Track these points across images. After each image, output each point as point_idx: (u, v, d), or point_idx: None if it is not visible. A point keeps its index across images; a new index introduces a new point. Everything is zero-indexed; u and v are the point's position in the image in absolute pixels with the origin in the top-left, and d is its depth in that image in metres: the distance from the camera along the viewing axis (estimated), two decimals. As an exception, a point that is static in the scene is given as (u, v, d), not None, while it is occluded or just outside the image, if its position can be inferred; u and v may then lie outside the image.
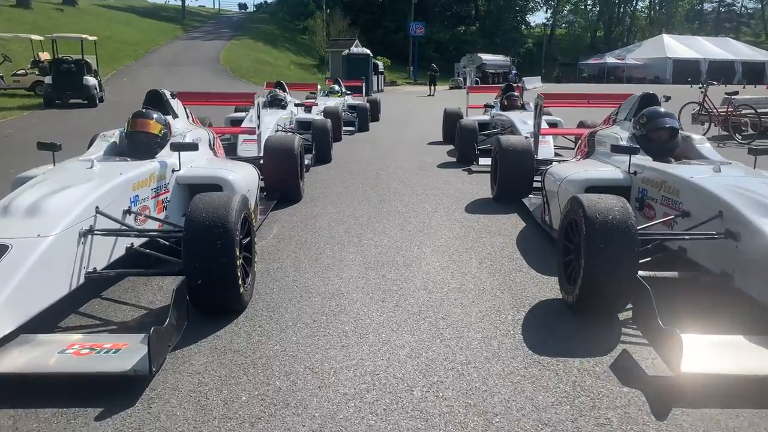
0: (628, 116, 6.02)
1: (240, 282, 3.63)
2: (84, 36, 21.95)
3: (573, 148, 10.35)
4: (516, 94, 11.89)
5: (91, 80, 20.86)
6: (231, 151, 9.61)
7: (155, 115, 5.25)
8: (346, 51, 37.64)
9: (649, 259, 3.93)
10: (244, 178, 5.16)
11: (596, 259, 3.50)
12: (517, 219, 6.42)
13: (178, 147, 4.83)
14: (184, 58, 45.82)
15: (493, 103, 11.99)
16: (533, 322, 3.77)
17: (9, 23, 39.00)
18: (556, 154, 9.23)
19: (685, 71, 57.98)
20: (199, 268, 3.48)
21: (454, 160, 10.64)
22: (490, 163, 9.53)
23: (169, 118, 5.62)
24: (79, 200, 3.71)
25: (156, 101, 5.72)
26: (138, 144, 5.13)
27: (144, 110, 5.28)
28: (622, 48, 72.39)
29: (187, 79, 35.09)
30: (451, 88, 46.17)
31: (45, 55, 23.91)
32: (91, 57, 22.39)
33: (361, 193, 7.72)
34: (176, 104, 6.00)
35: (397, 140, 13.73)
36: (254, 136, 9.53)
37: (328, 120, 10.93)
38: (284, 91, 12.40)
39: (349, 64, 35.92)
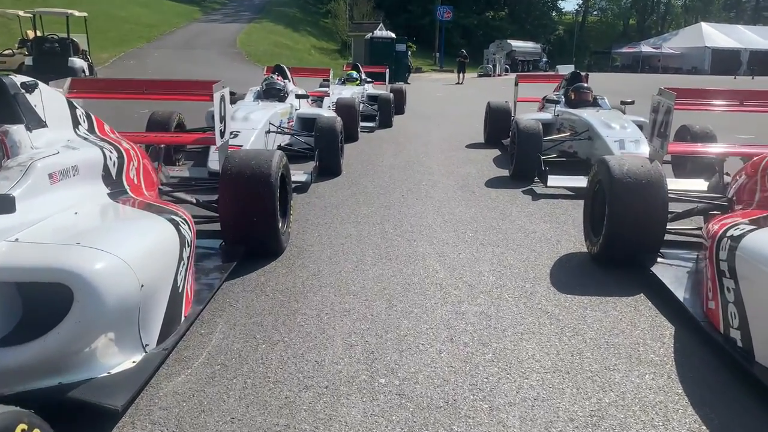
0: None
1: None
2: (70, 11, 19.36)
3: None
4: (586, 85, 9.07)
5: (77, 62, 18.35)
6: (205, 157, 7.01)
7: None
8: (370, 35, 34.82)
9: None
10: (132, 265, 2.46)
11: None
12: (651, 309, 3.65)
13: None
14: (198, 40, 43.43)
15: (555, 96, 9.15)
16: None
17: (17, 2, 36.78)
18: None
19: (725, 61, 55.56)
20: None
21: (505, 173, 7.88)
22: (564, 184, 6.81)
23: (16, 130, 2.95)
24: None
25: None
26: None
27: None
28: (657, 36, 68.94)
29: (198, 62, 32.61)
30: (479, 76, 43.45)
31: (33, 34, 21.42)
32: (80, 36, 19.83)
33: (379, 239, 5.00)
34: (45, 102, 3.28)
35: (427, 140, 10.97)
36: (233, 143, 6.94)
37: (338, 117, 8.19)
38: (285, 77, 9.71)
39: (372, 48, 33.22)
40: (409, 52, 36.83)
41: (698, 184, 6.29)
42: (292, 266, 4.27)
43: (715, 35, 61.15)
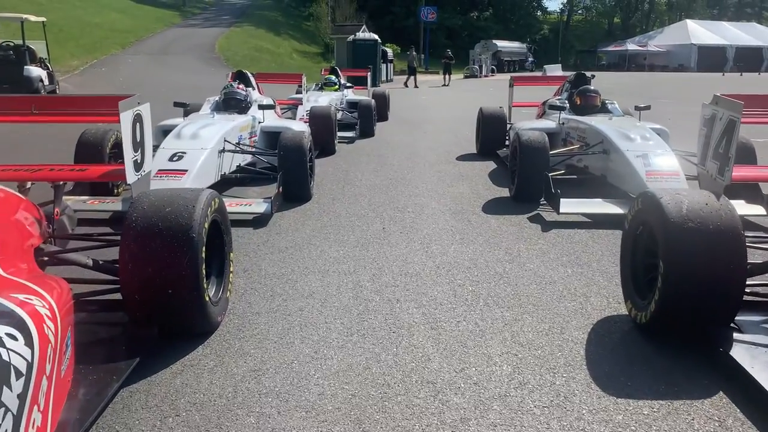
0: None
1: None
2: (25, 16, 17.92)
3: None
4: (593, 88, 7.91)
5: (34, 71, 16.98)
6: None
7: None
8: (352, 37, 33.65)
9: None
10: None
11: None
12: (744, 425, 2.46)
13: None
14: (176, 46, 42.10)
15: (559, 102, 7.96)
16: None
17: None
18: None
19: (711, 58, 55.71)
20: None
21: (504, 192, 6.72)
22: (580, 210, 5.65)
23: None
24: None
25: None
26: None
27: None
28: (642, 34, 68.63)
29: (173, 68, 31.36)
30: (466, 77, 42.48)
31: (-9, 41, 20.02)
32: (39, 42, 18.46)
33: (351, 300, 3.79)
34: None
35: (413, 152, 9.77)
36: (176, 167, 5.77)
37: (307, 131, 6.96)
38: (248, 85, 8.47)
39: (355, 51, 32.11)
40: (413, 53, 35.16)
41: (740, 208, 5.15)
42: (224, 356, 3.04)
43: (701, 32, 61.19)
